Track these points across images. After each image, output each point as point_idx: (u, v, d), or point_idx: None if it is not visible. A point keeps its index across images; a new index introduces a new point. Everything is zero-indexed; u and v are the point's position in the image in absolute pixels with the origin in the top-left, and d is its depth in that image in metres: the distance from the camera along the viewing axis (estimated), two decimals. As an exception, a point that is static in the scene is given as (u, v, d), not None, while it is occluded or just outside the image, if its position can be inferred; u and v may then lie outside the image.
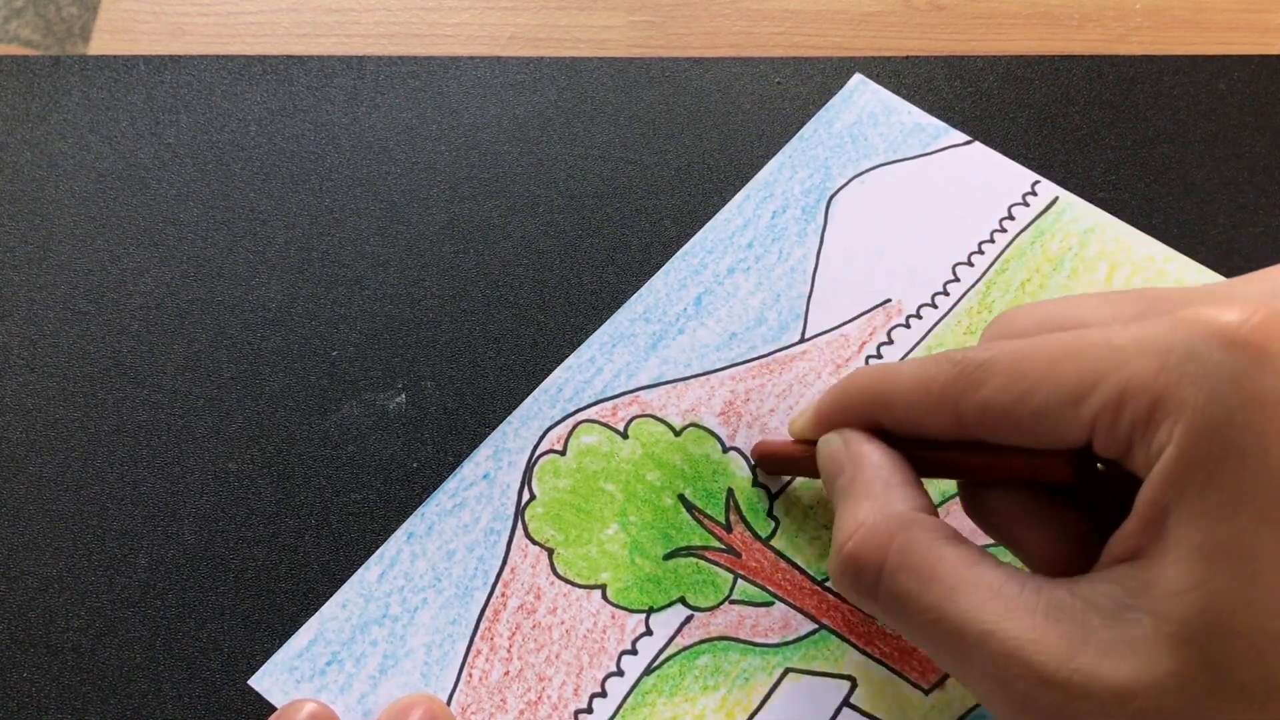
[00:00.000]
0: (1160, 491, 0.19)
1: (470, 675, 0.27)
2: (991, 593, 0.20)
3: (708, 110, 0.36)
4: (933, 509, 0.23)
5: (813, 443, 0.27)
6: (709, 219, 0.34)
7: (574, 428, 0.31)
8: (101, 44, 0.39)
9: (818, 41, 0.39)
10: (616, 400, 0.31)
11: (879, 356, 0.32)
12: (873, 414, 0.25)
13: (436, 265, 0.34)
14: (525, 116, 0.36)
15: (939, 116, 0.36)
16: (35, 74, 0.37)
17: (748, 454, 0.30)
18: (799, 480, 0.30)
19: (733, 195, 0.35)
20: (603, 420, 0.31)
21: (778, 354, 0.32)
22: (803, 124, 0.36)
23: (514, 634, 0.28)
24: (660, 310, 0.33)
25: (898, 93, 0.37)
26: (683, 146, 0.36)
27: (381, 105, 0.37)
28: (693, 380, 0.31)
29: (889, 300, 0.32)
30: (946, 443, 0.24)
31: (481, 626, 0.28)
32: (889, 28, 0.39)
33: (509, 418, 0.31)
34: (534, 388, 0.31)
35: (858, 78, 0.37)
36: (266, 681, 0.27)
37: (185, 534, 0.29)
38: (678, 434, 0.31)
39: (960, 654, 0.21)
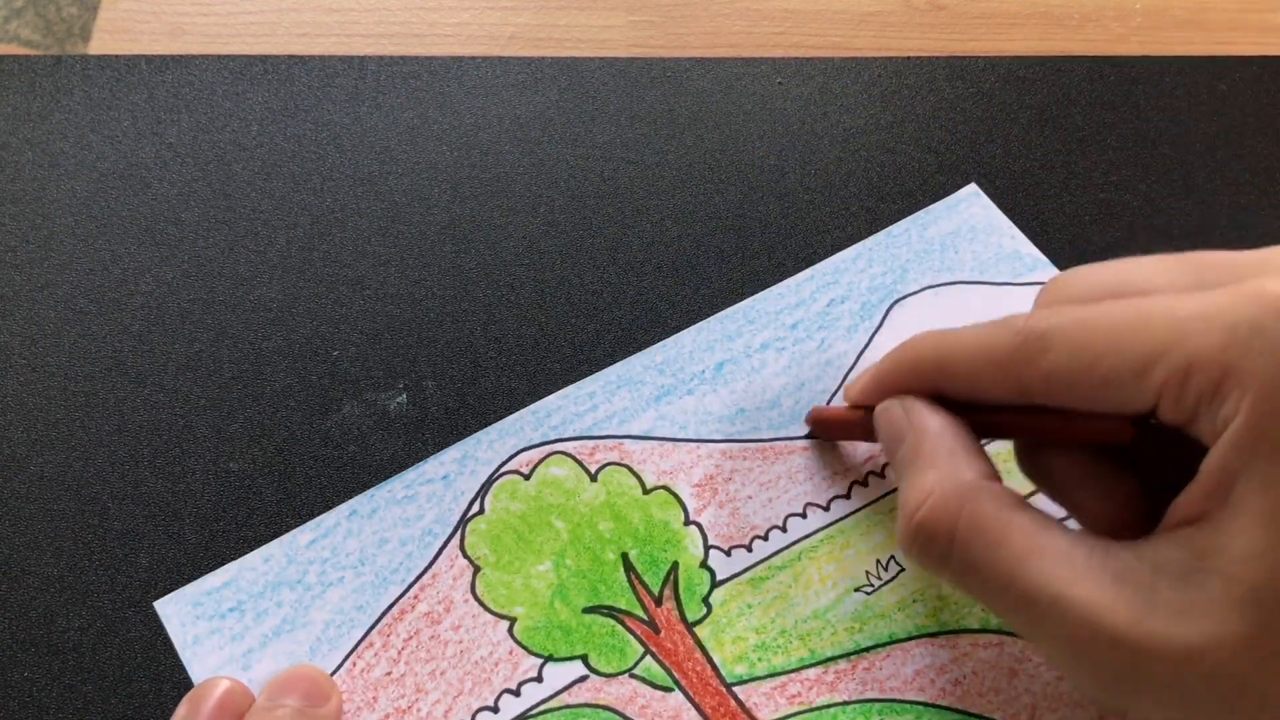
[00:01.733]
0: (1228, 459, 0.20)
1: (354, 664, 0.27)
2: (1060, 558, 0.21)
3: (708, 110, 0.36)
4: (997, 475, 0.24)
5: (869, 408, 0.27)
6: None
7: (547, 455, 0.30)
8: (101, 44, 0.38)
9: (818, 41, 0.39)
10: (600, 441, 0.30)
11: (881, 476, 0.30)
12: (933, 381, 0.25)
13: (438, 265, 0.34)
14: (526, 117, 0.36)
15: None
16: (36, 74, 0.37)
17: (708, 532, 0.29)
18: (749, 574, 0.28)
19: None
20: (577, 456, 0.30)
21: (777, 442, 0.30)
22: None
23: (410, 638, 0.28)
24: (678, 365, 0.31)
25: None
26: (684, 146, 0.36)
27: (382, 105, 0.37)
28: (683, 443, 0.30)
29: None
30: (1006, 406, 0.24)
31: (383, 621, 0.28)
32: (889, 28, 0.39)
33: (487, 428, 0.30)
34: (534, 388, 0.31)
35: (972, 187, 0.34)
36: (169, 608, 0.28)
37: (186, 534, 0.29)
38: (646, 492, 0.29)
39: (1033, 619, 0.21)
